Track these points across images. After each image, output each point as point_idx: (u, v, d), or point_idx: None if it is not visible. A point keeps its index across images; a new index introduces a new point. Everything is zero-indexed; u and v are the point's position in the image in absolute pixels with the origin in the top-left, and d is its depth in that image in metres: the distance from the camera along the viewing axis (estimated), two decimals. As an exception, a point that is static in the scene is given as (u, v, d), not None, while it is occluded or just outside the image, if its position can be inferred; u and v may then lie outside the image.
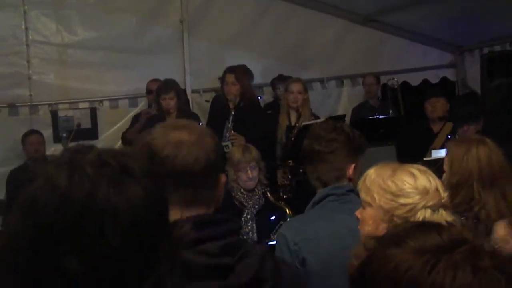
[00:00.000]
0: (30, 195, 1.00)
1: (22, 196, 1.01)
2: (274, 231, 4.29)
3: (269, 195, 4.50)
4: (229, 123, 5.95)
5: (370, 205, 2.08)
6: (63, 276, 0.96)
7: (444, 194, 2.02)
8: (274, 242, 4.00)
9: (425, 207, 1.97)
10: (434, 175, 2.08)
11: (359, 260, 1.24)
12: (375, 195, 2.04)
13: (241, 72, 6.21)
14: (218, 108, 6.31)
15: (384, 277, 1.14)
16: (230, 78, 6.09)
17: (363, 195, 2.11)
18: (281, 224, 4.26)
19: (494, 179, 2.93)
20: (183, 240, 1.30)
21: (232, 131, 5.86)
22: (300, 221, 2.75)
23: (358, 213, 2.17)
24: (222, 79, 6.28)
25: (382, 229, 1.95)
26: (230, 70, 6.19)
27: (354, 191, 2.58)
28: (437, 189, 2.01)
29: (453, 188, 2.89)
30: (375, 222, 2.04)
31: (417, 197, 1.98)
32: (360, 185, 2.14)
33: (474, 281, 1.08)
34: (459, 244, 1.13)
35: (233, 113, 5.94)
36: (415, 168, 2.07)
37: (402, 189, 2.00)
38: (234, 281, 1.48)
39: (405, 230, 1.21)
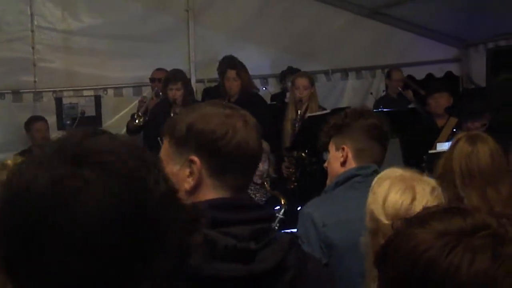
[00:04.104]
0: (11, 191, 0.94)
1: (7, 191, 0.95)
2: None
3: (265, 184, 4.47)
4: None
5: None
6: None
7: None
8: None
9: None
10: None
11: (386, 238, 1.24)
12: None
13: (242, 68, 6.25)
14: (213, 99, 6.36)
15: (403, 254, 1.14)
16: (232, 74, 6.13)
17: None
18: (276, 214, 4.27)
19: (476, 177, 2.88)
20: (197, 223, 1.28)
21: None
22: (328, 202, 2.72)
23: None
24: (222, 74, 6.30)
25: None
26: (231, 66, 6.23)
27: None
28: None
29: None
30: None
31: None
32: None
33: (492, 267, 1.07)
34: (481, 229, 1.12)
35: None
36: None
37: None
38: (256, 266, 1.46)
39: (431, 212, 1.21)
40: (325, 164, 2.87)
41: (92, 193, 0.91)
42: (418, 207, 1.99)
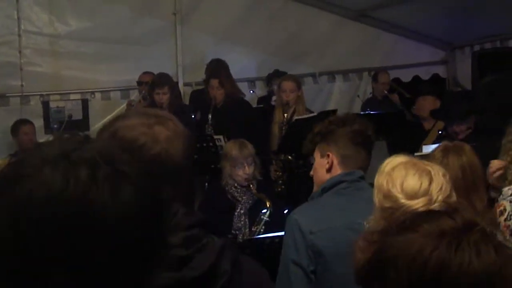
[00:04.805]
0: (21, 197, 0.91)
1: (12, 197, 0.92)
2: (255, 222, 4.33)
3: (251, 186, 4.50)
4: (209, 119, 6.05)
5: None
6: None
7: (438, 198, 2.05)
8: (262, 236, 4.07)
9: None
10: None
11: (366, 253, 1.24)
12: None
13: (225, 76, 6.27)
14: (200, 102, 6.39)
15: (407, 261, 1.15)
16: (214, 83, 6.17)
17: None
18: (261, 217, 4.32)
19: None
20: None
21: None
22: (315, 209, 2.71)
23: None
24: (206, 81, 6.34)
25: None
26: (214, 75, 6.25)
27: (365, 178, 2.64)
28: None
29: None
30: None
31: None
32: None
33: (498, 257, 1.12)
34: (473, 225, 1.17)
35: (210, 116, 6.01)
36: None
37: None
38: (187, 273, 1.44)
39: (414, 217, 1.23)
40: (311, 172, 2.86)
41: (122, 188, 0.93)
42: (435, 189, 2.07)
